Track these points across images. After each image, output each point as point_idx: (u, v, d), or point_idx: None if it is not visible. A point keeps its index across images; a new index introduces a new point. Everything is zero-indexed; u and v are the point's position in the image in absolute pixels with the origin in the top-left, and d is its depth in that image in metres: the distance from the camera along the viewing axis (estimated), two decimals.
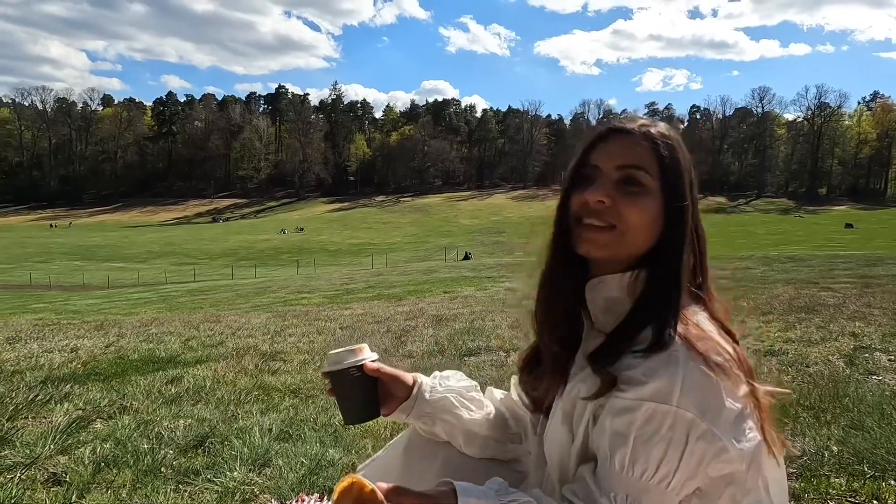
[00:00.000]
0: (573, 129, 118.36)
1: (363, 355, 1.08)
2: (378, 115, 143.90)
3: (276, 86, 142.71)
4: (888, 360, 3.34)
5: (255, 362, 3.93)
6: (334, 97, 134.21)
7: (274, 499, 1.85)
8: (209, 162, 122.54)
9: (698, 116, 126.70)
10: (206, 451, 2.25)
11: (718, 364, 0.82)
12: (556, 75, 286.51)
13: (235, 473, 2.00)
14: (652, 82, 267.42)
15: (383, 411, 1.10)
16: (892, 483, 1.78)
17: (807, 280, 8.33)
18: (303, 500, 1.71)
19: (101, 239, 71.54)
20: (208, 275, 37.82)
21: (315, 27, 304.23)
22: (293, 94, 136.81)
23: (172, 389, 3.20)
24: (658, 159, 0.90)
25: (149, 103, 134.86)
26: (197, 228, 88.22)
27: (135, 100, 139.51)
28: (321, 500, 1.71)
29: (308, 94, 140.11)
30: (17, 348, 4.87)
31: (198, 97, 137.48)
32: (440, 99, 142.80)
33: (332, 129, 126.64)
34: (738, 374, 0.84)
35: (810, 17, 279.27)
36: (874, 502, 1.71)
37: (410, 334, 4.98)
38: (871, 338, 3.89)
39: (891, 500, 1.70)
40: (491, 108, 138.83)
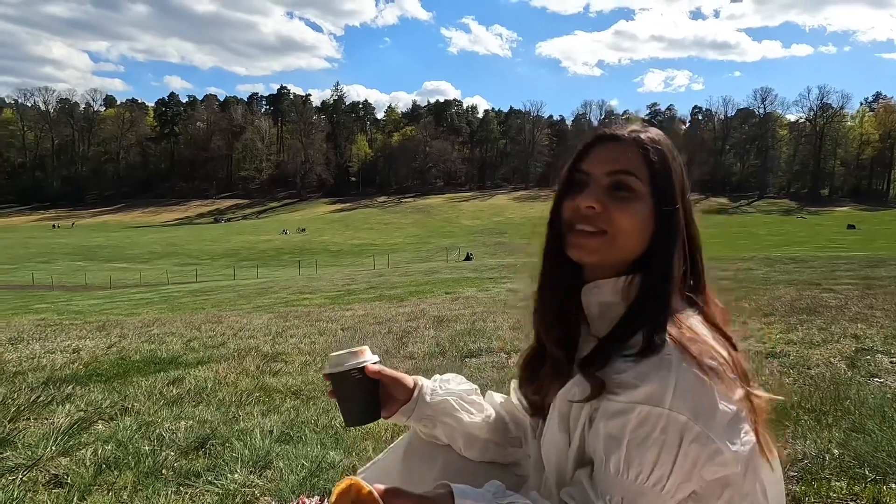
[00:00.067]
0: (575, 130, 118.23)
1: (364, 357, 1.09)
2: (380, 115, 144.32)
3: (278, 86, 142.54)
4: (890, 362, 3.32)
5: (257, 363, 3.93)
6: (336, 98, 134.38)
7: (274, 501, 1.85)
8: (211, 162, 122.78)
9: (700, 117, 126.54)
10: (207, 452, 2.25)
11: (711, 367, 0.82)
12: (558, 76, 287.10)
13: (236, 476, 2.00)
14: (654, 83, 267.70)
15: (384, 414, 1.10)
16: (893, 487, 1.77)
17: (809, 281, 8.31)
18: (303, 503, 1.71)
19: (104, 239, 71.69)
20: (210, 275, 37.86)
21: (317, 28, 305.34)
22: (295, 95, 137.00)
23: (174, 390, 3.20)
24: (648, 164, 0.91)
25: (151, 104, 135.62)
26: (199, 229, 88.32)
27: (137, 100, 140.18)
28: (322, 502, 1.71)
29: (310, 94, 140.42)
30: (19, 349, 4.88)
31: (200, 98, 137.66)
32: (442, 100, 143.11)
33: (334, 129, 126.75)
34: (733, 378, 0.84)
35: (812, 17, 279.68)
36: None
37: (412, 335, 4.98)
38: (873, 340, 3.88)
39: (892, 503, 1.69)
40: (493, 108, 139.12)
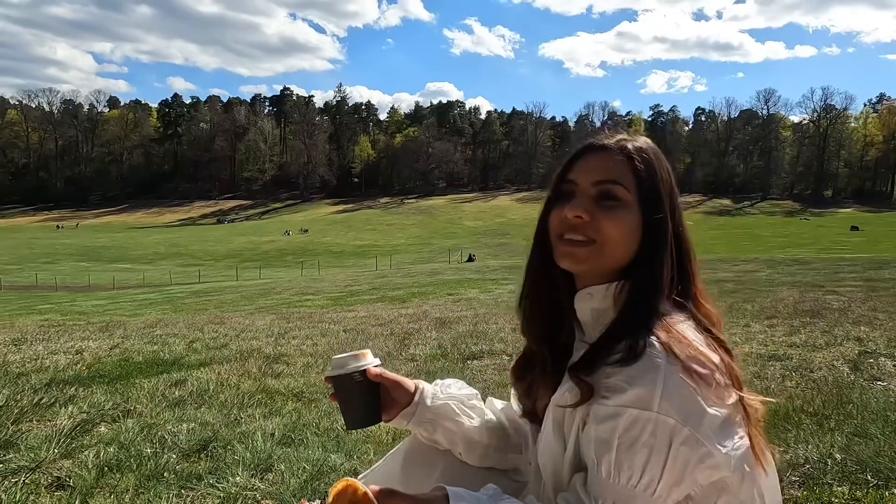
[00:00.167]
0: (577, 131, 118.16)
1: (366, 360, 1.09)
2: (382, 116, 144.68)
3: (281, 87, 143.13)
4: (893, 365, 3.30)
5: (259, 365, 3.93)
6: (339, 99, 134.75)
7: None
8: (214, 163, 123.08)
9: (703, 118, 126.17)
10: (209, 455, 2.25)
11: (700, 371, 0.82)
12: (561, 77, 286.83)
13: (238, 479, 2.00)
14: (656, 84, 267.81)
15: (385, 417, 1.11)
16: (895, 492, 1.77)
17: (812, 283, 8.29)
18: None
19: (107, 240, 71.90)
20: (213, 276, 37.94)
21: (320, 29, 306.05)
22: (298, 96, 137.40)
23: (176, 392, 3.20)
24: (634, 173, 0.92)
25: (154, 105, 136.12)
26: (202, 230, 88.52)
27: (140, 101, 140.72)
28: None
29: (313, 95, 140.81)
30: (22, 350, 4.89)
31: (203, 99, 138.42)
32: (444, 101, 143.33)
33: (337, 130, 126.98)
34: (723, 382, 0.85)
35: (816, 18, 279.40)
36: None
37: (414, 337, 4.98)
38: (877, 343, 3.86)
39: None
40: (495, 109, 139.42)
